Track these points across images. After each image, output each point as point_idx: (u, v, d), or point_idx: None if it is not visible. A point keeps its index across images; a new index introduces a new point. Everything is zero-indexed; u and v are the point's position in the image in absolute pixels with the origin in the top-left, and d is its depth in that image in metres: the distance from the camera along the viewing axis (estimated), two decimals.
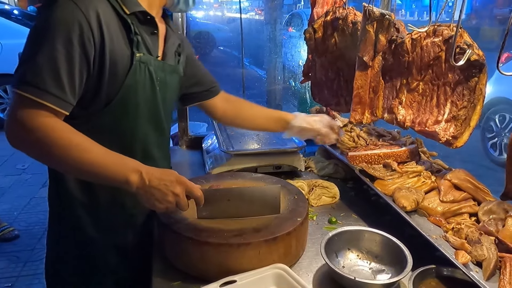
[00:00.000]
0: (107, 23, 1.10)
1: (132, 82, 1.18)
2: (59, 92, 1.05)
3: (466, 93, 1.37)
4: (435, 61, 1.45)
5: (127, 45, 1.16)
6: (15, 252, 3.26)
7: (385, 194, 1.48)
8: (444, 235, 1.24)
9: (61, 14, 1.04)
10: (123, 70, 1.16)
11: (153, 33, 1.25)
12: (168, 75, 1.32)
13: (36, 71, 1.03)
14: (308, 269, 1.27)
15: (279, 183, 1.51)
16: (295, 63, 3.92)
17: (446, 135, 1.43)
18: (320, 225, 1.53)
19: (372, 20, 1.49)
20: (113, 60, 1.13)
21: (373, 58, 1.55)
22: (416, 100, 1.56)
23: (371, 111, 1.65)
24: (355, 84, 1.60)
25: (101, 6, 1.10)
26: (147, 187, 1.07)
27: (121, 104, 1.19)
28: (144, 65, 1.20)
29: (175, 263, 1.24)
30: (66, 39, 1.04)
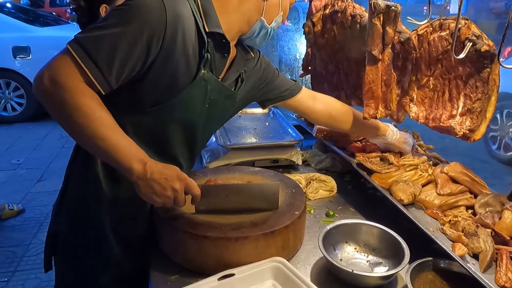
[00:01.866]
0: (184, 34, 1.11)
1: (188, 95, 1.19)
2: (105, 70, 1.05)
3: (479, 84, 1.35)
4: (444, 55, 1.42)
5: (196, 60, 1.17)
6: (11, 247, 3.25)
7: (382, 187, 1.49)
8: (441, 227, 1.25)
9: (147, 4, 1.05)
10: (184, 82, 1.17)
11: (223, 56, 1.25)
12: (222, 97, 1.32)
13: (97, 41, 1.03)
14: (306, 262, 1.28)
15: (277, 177, 1.51)
16: (292, 56, 3.90)
17: (462, 129, 1.41)
18: (317, 218, 1.53)
19: (378, 13, 1.47)
20: (177, 70, 1.14)
21: (382, 51, 1.54)
22: (428, 96, 1.54)
23: (384, 105, 1.63)
24: (366, 79, 1.58)
25: (186, 15, 1.11)
26: (147, 179, 1.07)
27: (166, 112, 1.20)
28: (205, 82, 1.21)
29: (173, 257, 1.24)
30: (139, 29, 1.04)
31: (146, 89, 1.16)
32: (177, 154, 1.34)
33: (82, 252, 1.33)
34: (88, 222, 1.29)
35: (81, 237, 1.31)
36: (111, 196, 1.27)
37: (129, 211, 1.31)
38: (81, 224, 1.30)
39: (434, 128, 1.53)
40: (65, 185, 1.36)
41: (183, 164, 1.37)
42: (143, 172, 1.06)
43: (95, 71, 1.04)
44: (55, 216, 1.38)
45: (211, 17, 1.18)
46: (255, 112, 2.32)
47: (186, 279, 1.16)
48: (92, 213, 1.28)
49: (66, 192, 1.34)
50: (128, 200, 1.27)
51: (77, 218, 1.31)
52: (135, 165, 1.06)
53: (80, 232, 1.31)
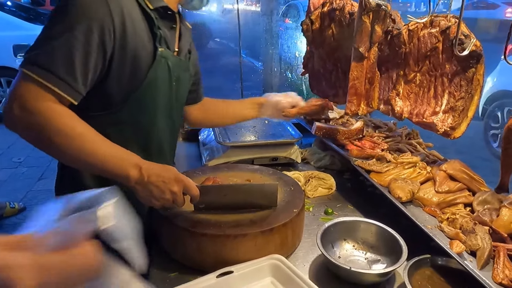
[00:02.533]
0: (131, 17, 1.10)
1: (153, 77, 1.18)
2: (70, 79, 1.03)
3: (463, 83, 1.38)
4: (432, 52, 1.44)
5: (150, 39, 1.16)
6: None
7: (381, 185, 1.49)
8: (439, 225, 1.25)
9: (87, 2, 1.03)
10: (146, 65, 1.16)
11: (172, 28, 1.25)
12: (182, 72, 1.33)
13: (50, 54, 1.00)
14: (304, 259, 1.28)
15: (276, 175, 1.51)
16: (291, 54, 3.90)
17: (444, 126, 1.44)
18: (316, 216, 1.54)
19: (368, 11, 1.48)
20: (136, 54, 1.12)
21: (369, 49, 1.55)
22: (414, 92, 1.56)
23: (366, 102, 1.65)
24: (350, 75, 1.60)
25: (126, 0, 1.10)
26: (145, 183, 1.07)
27: (140, 99, 1.19)
28: (165, 60, 1.21)
29: (172, 254, 1.24)
30: (87, 28, 1.02)
31: (113, 85, 1.14)
32: (161, 143, 1.33)
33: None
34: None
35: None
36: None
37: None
38: None
39: (417, 123, 1.56)
40: None
41: (167, 153, 1.38)
42: (140, 176, 1.07)
43: (61, 84, 1.02)
44: None
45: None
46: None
47: (185, 276, 1.17)
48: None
49: None
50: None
51: None
52: (131, 172, 1.06)
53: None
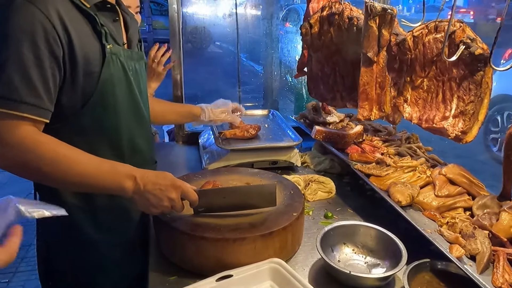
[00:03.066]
0: (70, 20, 1.06)
1: (107, 76, 1.14)
2: (36, 100, 1.00)
3: (472, 87, 1.36)
4: (438, 57, 1.44)
5: (96, 38, 1.12)
6: None
7: (380, 189, 1.49)
8: (439, 229, 1.25)
9: (21, 18, 0.99)
10: (97, 65, 1.12)
11: (115, 20, 1.21)
12: (136, 63, 1.29)
13: (7, 81, 0.97)
14: (304, 263, 1.28)
15: (275, 178, 1.51)
16: (291, 58, 3.91)
17: (455, 131, 1.43)
18: (316, 220, 1.53)
19: (374, 15, 1.48)
20: (85, 56, 1.09)
21: (377, 54, 1.55)
22: (422, 97, 1.55)
23: (378, 107, 1.64)
24: (360, 80, 1.59)
25: (60, 3, 1.05)
26: (142, 192, 1.07)
27: (99, 101, 1.15)
28: (115, 56, 1.17)
29: (171, 258, 1.24)
30: (32, 43, 0.99)
31: (68, 92, 1.10)
32: (133, 140, 1.29)
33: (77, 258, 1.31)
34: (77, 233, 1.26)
35: (74, 243, 1.29)
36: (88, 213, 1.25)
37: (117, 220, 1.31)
38: (71, 236, 1.27)
39: (427, 129, 1.55)
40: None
41: (144, 149, 1.35)
42: (136, 186, 1.06)
43: (29, 108, 0.99)
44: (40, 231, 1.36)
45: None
46: (255, 114, 2.32)
47: (184, 280, 1.16)
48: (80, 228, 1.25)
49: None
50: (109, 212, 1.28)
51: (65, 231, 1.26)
52: (126, 184, 1.06)
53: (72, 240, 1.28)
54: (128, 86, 1.24)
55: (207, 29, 6.48)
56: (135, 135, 1.30)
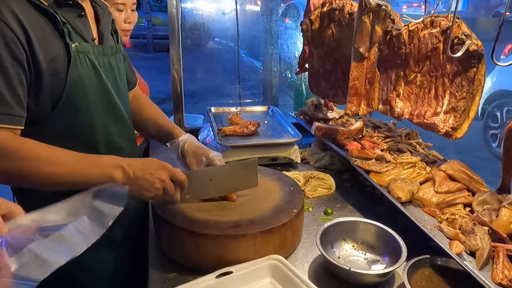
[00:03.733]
0: (28, 20, 1.01)
1: (75, 76, 1.10)
2: (5, 109, 0.98)
3: (464, 84, 1.37)
4: (433, 52, 1.44)
5: (58, 37, 1.07)
6: None
7: (380, 185, 1.49)
8: (439, 225, 1.25)
9: None
10: (63, 66, 1.08)
11: (80, 16, 1.15)
12: (111, 58, 1.24)
13: None
14: (303, 260, 1.28)
15: (275, 175, 1.51)
16: (291, 54, 3.90)
17: (445, 127, 1.43)
18: (315, 216, 1.53)
19: (368, 11, 1.48)
20: (48, 57, 1.04)
21: (369, 49, 1.55)
22: (414, 92, 1.55)
23: (367, 102, 1.65)
24: (350, 75, 1.59)
25: (15, 4, 1.00)
26: (132, 180, 1.07)
27: (69, 102, 1.11)
28: (83, 54, 1.12)
29: (171, 255, 1.24)
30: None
31: (36, 95, 1.07)
32: (110, 138, 1.26)
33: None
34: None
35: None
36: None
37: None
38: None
39: (418, 124, 1.55)
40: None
41: (124, 146, 1.31)
42: (125, 175, 1.07)
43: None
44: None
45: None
46: (254, 110, 2.32)
47: (184, 277, 1.17)
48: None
49: None
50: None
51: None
52: (115, 174, 1.06)
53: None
54: (101, 84, 1.18)
55: (206, 25, 6.45)
56: (112, 134, 1.26)
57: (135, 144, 1.49)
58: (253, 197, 1.35)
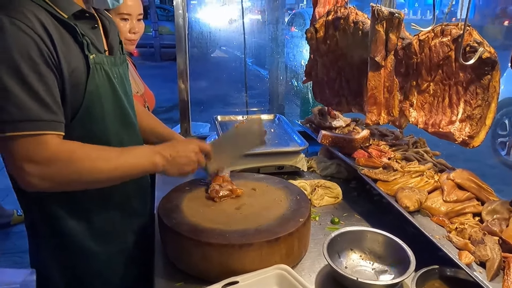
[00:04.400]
0: (53, 32, 1.04)
1: (93, 87, 1.13)
2: (52, 116, 1.02)
3: (479, 91, 1.35)
4: (445, 61, 1.43)
5: (78, 49, 1.10)
6: (19, 253, 3.27)
7: (388, 194, 1.48)
8: (448, 235, 1.24)
9: (12, 38, 0.96)
10: (82, 77, 1.11)
11: (94, 27, 1.19)
12: (120, 68, 1.28)
13: (20, 104, 0.96)
14: (310, 269, 1.27)
15: (282, 184, 1.51)
16: (297, 62, 3.92)
17: (461, 135, 1.41)
18: (322, 225, 1.52)
19: (381, 20, 1.48)
20: (70, 68, 1.07)
21: (385, 58, 1.54)
22: (428, 102, 1.54)
23: (387, 111, 1.63)
24: (368, 85, 1.58)
25: (42, 16, 1.02)
26: (171, 160, 1.18)
27: (87, 112, 1.14)
28: (99, 65, 1.15)
29: (177, 264, 1.24)
30: (29, 60, 0.98)
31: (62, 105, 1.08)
32: (123, 144, 1.26)
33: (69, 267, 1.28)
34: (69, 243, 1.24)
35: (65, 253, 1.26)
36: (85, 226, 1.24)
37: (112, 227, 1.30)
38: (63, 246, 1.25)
39: (433, 134, 1.53)
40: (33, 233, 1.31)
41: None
42: (164, 158, 1.17)
43: (47, 125, 1.00)
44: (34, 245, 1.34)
45: (60, 2, 1.08)
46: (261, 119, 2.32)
47: (190, 286, 1.16)
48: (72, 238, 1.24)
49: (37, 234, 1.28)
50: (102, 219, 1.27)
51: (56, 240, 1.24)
52: (156, 159, 1.16)
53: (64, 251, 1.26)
54: (114, 94, 1.22)
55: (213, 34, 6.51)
56: (124, 141, 1.28)
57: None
58: (259, 206, 1.34)
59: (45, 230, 1.24)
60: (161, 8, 14.11)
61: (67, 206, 1.20)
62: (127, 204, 1.33)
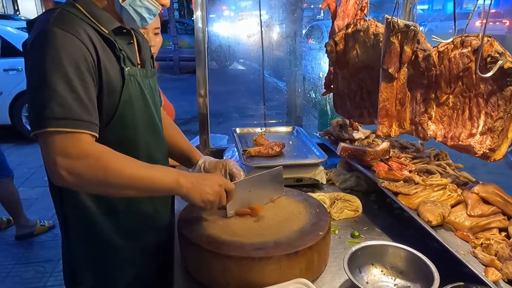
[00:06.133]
0: (97, 44, 1.15)
1: (127, 97, 1.23)
2: (90, 118, 1.11)
3: (501, 103, 1.32)
4: (465, 72, 1.41)
5: (115, 62, 1.21)
6: (41, 263, 3.34)
7: (409, 208, 1.45)
8: (473, 251, 1.20)
9: (63, 47, 1.07)
10: (118, 87, 1.20)
11: (129, 43, 1.30)
12: (151, 80, 1.38)
13: (63, 103, 1.05)
14: (330, 284, 1.25)
15: (300, 196, 1.50)
16: (315, 75, 3.92)
17: (482, 148, 1.38)
18: (342, 239, 1.50)
19: (396, 32, 1.47)
20: (108, 78, 1.17)
21: (398, 70, 1.53)
22: (447, 114, 1.52)
23: (398, 123, 1.62)
24: (380, 97, 1.58)
25: (89, 31, 1.15)
26: (197, 185, 1.18)
27: (120, 120, 1.23)
28: (133, 77, 1.25)
29: (196, 276, 1.24)
30: (76, 67, 1.08)
31: (99, 111, 1.17)
32: (150, 154, 1.35)
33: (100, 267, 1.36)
34: (100, 239, 1.32)
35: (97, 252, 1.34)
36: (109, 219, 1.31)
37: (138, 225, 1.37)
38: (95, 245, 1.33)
39: (452, 147, 1.51)
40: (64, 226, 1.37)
41: (161, 160, 1.41)
42: (187, 180, 1.17)
43: (86, 125, 1.08)
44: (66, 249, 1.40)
45: (102, 18, 1.20)
46: (279, 131, 2.33)
47: None
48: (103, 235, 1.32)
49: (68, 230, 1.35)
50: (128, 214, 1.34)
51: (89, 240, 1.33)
52: (180, 180, 1.16)
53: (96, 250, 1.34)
54: (145, 104, 1.31)
55: (231, 48, 6.61)
56: (151, 148, 1.37)
57: (167, 158, 1.56)
58: (278, 219, 1.34)
59: (75, 224, 1.31)
60: (180, 22, 14.40)
61: (98, 201, 1.28)
62: (150, 204, 1.39)
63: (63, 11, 1.14)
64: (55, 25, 1.08)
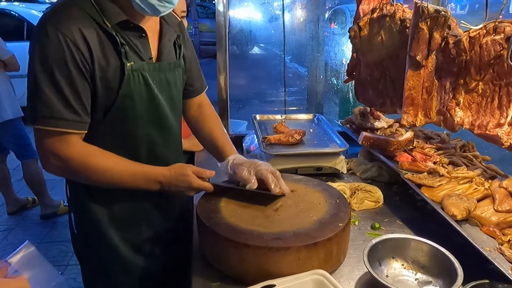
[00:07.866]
0: (93, 39, 1.15)
1: (127, 91, 1.22)
2: (75, 116, 1.16)
3: None
4: (496, 60, 1.35)
5: (115, 56, 1.19)
6: (64, 242, 3.44)
7: (433, 201, 1.41)
8: (499, 247, 1.16)
9: (50, 44, 1.10)
10: (115, 82, 1.20)
11: (141, 37, 1.26)
12: (168, 73, 1.33)
13: (48, 103, 1.12)
14: (349, 276, 1.23)
15: (320, 186, 1.48)
16: (338, 61, 3.82)
17: (509, 140, 1.34)
18: (362, 230, 1.48)
19: (426, 17, 1.41)
20: (103, 74, 1.18)
21: (426, 57, 1.47)
22: (475, 101, 1.46)
23: (424, 112, 1.57)
24: (406, 85, 1.52)
25: (84, 24, 1.14)
26: (170, 188, 1.28)
27: (118, 112, 1.24)
28: (137, 72, 1.23)
29: (215, 264, 1.24)
30: (63, 66, 1.12)
31: (93, 104, 1.21)
32: (153, 149, 1.35)
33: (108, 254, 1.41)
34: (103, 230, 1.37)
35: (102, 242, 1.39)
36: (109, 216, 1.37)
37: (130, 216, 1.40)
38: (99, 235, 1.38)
39: (479, 136, 1.45)
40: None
41: (168, 158, 1.40)
42: (163, 187, 1.27)
43: (69, 124, 1.15)
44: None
45: (108, 10, 1.18)
46: (299, 118, 2.29)
47: (227, 287, 1.16)
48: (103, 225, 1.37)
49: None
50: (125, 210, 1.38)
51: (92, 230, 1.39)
52: (156, 187, 1.27)
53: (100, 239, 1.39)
54: (151, 98, 1.29)
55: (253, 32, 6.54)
56: (156, 143, 1.36)
57: (181, 154, 1.55)
58: (297, 208, 1.32)
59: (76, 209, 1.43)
60: (201, 6, 14.31)
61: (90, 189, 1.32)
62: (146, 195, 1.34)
63: (67, 2, 1.16)
64: (48, 21, 1.12)
